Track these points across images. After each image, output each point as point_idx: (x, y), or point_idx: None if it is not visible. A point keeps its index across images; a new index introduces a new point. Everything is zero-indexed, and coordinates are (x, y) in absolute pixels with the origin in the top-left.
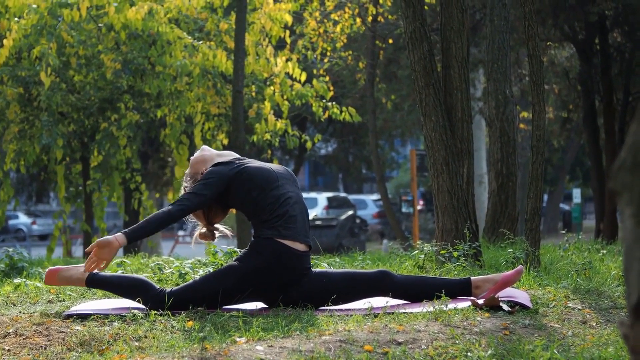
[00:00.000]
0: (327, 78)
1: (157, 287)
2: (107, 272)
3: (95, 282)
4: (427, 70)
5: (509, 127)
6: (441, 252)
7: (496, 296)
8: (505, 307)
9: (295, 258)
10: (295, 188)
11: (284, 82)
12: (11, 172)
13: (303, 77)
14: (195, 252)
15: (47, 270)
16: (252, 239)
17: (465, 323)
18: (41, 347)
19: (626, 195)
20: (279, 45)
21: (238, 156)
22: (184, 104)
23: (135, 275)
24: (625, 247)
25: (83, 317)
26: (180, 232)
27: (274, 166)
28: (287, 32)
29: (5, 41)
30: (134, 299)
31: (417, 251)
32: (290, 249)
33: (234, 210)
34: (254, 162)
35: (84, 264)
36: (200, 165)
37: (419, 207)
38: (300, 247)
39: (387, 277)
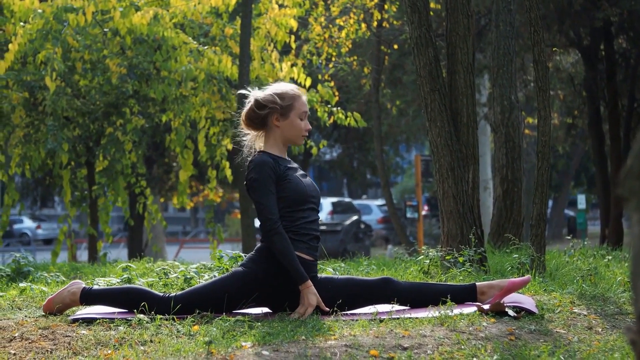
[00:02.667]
0: (332, 83)
1: (157, 292)
2: (101, 286)
3: (91, 298)
4: (433, 75)
5: (515, 133)
6: (446, 257)
7: (502, 302)
8: (510, 312)
9: (302, 262)
10: (318, 206)
11: None
12: (16, 176)
13: (308, 82)
14: (200, 257)
15: (43, 304)
16: (260, 243)
17: (470, 328)
18: (47, 351)
19: (634, 201)
20: (284, 51)
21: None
22: (188, 109)
23: (128, 285)
24: (633, 253)
25: (89, 321)
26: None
27: (309, 185)
28: (292, 37)
29: (10, 46)
30: (135, 308)
31: (422, 256)
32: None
33: (238, 215)
34: (296, 173)
35: (70, 283)
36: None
37: (423, 213)
38: (307, 257)
39: (389, 284)
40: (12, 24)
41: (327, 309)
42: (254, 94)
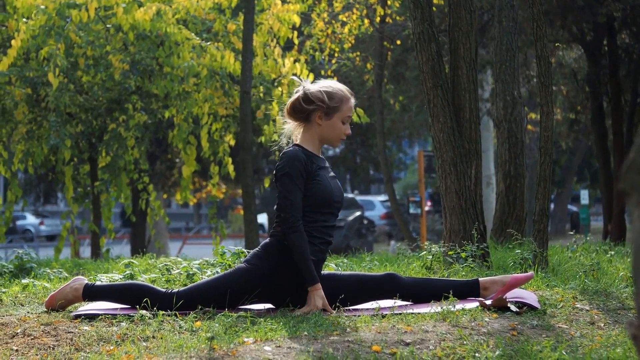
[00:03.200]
0: (335, 79)
1: (161, 288)
2: (104, 282)
3: (94, 294)
4: (435, 71)
5: (517, 128)
6: (449, 253)
7: (504, 297)
8: (513, 307)
9: None
10: (339, 212)
11: (291, 83)
12: (19, 172)
13: (311, 79)
14: (204, 253)
15: (45, 300)
16: (269, 238)
17: (473, 324)
18: (49, 347)
19: (635, 195)
20: (287, 46)
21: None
22: (191, 105)
23: (130, 281)
24: (634, 248)
25: (91, 318)
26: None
27: (335, 188)
28: (295, 33)
29: (13, 42)
30: (137, 304)
31: (424, 252)
32: None
33: (241, 211)
34: (327, 174)
35: (72, 280)
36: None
37: (426, 208)
38: (311, 257)
39: (394, 279)
40: (14, 20)
41: (333, 311)
42: (305, 86)
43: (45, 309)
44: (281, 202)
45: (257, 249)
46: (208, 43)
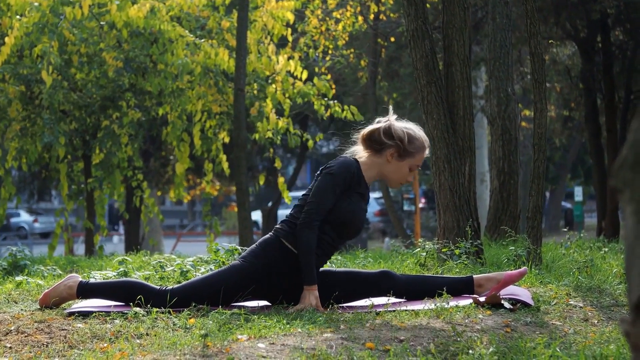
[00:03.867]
0: (329, 76)
1: (155, 285)
2: (98, 280)
3: (87, 292)
4: (429, 68)
5: (511, 125)
6: (443, 250)
7: (498, 294)
8: (506, 304)
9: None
10: (349, 239)
11: (285, 80)
12: (13, 170)
13: (304, 76)
14: (198, 250)
15: (39, 298)
16: (270, 234)
17: (466, 320)
18: (43, 344)
19: (628, 192)
20: (281, 44)
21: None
22: (185, 102)
23: (124, 278)
24: (627, 244)
25: (85, 315)
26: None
27: (359, 218)
28: (289, 30)
29: (6, 39)
30: (131, 301)
31: (418, 249)
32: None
33: (235, 208)
34: (361, 202)
35: (66, 277)
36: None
37: (420, 205)
38: None
39: (388, 277)
40: (8, 17)
41: (325, 311)
42: (391, 120)
43: (39, 307)
44: (313, 196)
45: (254, 245)
46: (202, 40)
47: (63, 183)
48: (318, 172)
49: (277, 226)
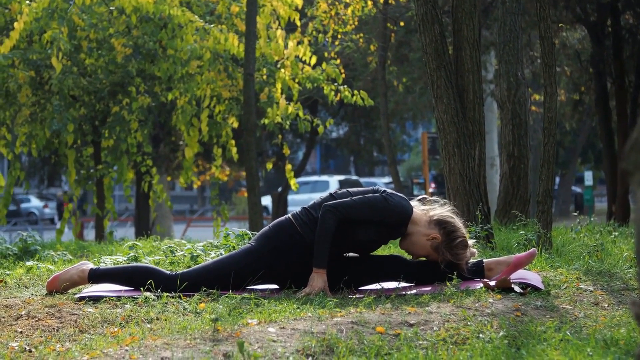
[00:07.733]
0: (339, 61)
1: (166, 270)
2: (109, 265)
3: (99, 277)
4: (439, 52)
5: (521, 110)
6: None
7: (508, 278)
8: (517, 288)
9: (309, 254)
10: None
11: (294, 65)
12: (23, 155)
13: (314, 61)
14: (208, 235)
15: (48, 281)
16: (287, 216)
17: (477, 305)
18: (53, 329)
19: (638, 175)
20: (290, 28)
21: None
22: (194, 88)
23: (135, 263)
24: (637, 228)
25: (95, 300)
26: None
27: (375, 245)
28: (298, 14)
29: (16, 24)
30: (142, 286)
31: None
32: (309, 248)
33: (245, 193)
34: (382, 238)
35: (79, 263)
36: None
37: (430, 190)
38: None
39: (398, 261)
40: (17, 3)
41: (331, 295)
42: (471, 247)
43: (47, 291)
44: (356, 197)
45: (266, 227)
46: (211, 25)
47: (71, 169)
48: (377, 187)
49: (295, 212)
